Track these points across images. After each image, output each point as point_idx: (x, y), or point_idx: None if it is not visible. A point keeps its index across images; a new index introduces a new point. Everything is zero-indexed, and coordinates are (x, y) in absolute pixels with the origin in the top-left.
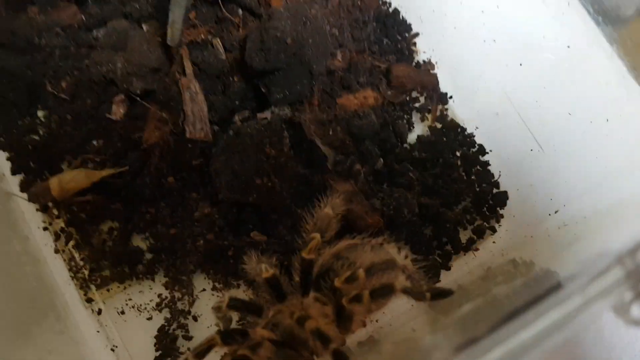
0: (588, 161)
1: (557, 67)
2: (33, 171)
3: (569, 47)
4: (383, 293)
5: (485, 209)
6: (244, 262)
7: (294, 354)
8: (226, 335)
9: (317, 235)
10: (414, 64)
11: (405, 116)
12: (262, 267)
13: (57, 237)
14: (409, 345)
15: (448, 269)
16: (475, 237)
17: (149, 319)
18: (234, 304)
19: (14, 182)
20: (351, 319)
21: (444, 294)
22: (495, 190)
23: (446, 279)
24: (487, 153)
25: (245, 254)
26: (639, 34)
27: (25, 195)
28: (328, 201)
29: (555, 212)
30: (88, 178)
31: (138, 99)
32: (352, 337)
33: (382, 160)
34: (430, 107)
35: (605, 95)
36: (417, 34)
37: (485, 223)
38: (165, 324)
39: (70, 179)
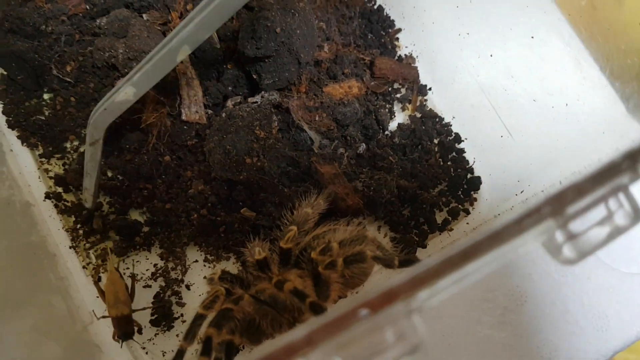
0: (549, 143)
1: (522, 56)
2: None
3: (532, 37)
4: (355, 259)
5: (460, 192)
6: (245, 245)
7: (275, 314)
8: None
9: (294, 228)
10: (396, 57)
11: (387, 105)
12: (255, 250)
13: (61, 212)
14: None
15: (424, 247)
16: (450, 218)
17: (145, 286)
18: (225, 276)
19: (24, 155)
20: (328, 285)
21: (411, 261)
22: (469, 176)
23: (422, 256)
24: (463, 141)
25: (236, 229)
26: (591, 22)
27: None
28: (311, 201)
29: (521, 192)
30: None
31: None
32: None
33: (364, 145)
34: (410, 98)
35: (564, 81)
36: (399, 30)
37: (459, 205)
38: (160, 291)
39: None
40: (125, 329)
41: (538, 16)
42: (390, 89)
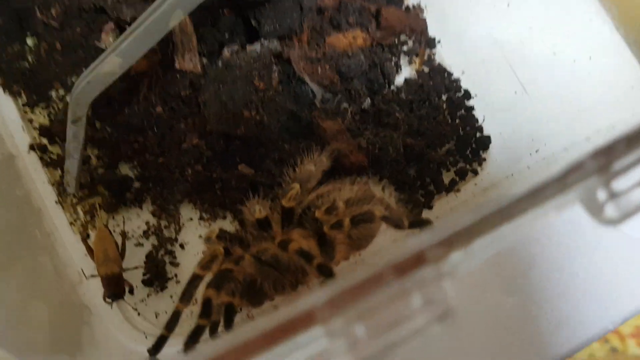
0: (570, 99)
1: (543, 6)
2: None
3: None
4: (363, 219)
5: (468, 152)
6: (244, 202)
7: (277, 275)
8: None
9: (297, 185)
10: (403, 7)
11: (394, 58)
12: (256, 209)
13: (47, 165)
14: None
15: (430, 208)
16: (457, 178)
17: (137, 245)
18: (223, 235)
19: (6, 104)
20: (333, 246)
21: (422, 223)
22: (478, 134)
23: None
24: (472, 98)
25: (233, 186)
26: None
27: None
28: (314, 158)
29: (536, 151)
30: None
31: (128, 27)
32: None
33: (369, 100)
34: (418, 51)
35: (589, 33)
36: None
37: (467, 165)
38: (153, 250)
39: None
40: (115, 288)
41: None
42: (396, 41)
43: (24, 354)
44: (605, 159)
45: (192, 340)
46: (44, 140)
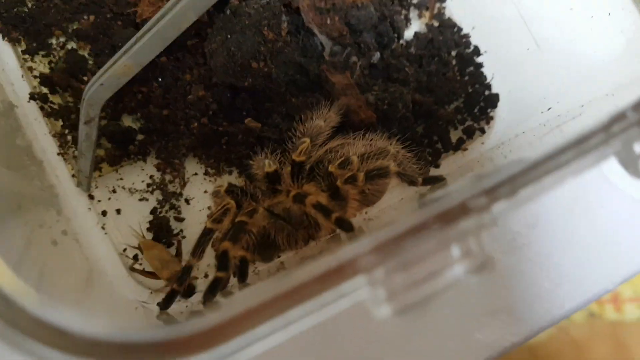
0: (586, 55)
1: None
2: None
3: None
4: (378, 174)
5: (476, 110)
6: (252, 160)
7: (291, 229)
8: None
9: (307, 140)
10: None
11: (403, 11)
12: (265, 163)
13: (48, 115)
14: None
15: (437, 166)
16: (465, 137)
17: (141, 199)
18: (232, 189)
19: (5, 51)
20: (346, 201)
21: (436, 179)
22: (487, 92)
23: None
24: (482, 54)
25: (239, 140)
26: None
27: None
28: (323, 113)
29: (548, 109)
30: None
31: None
32: None
33: (378, 54)
34: (428, 4)
35: None
36: None
37: (475, 124)
38: (158, 205)
39: None
40: (184, 288)
41: None
42: None
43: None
44: None
45: (211, 293)
46: (45, 90)
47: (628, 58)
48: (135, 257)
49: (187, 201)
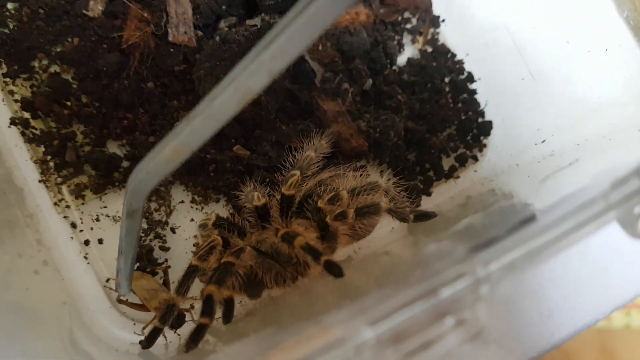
0: (582, 91)
1: None
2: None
3: None
4: (369, 211)
5: (469, 137)
6: (240, 189)
7: (278, 266)
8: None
9: (297, 172)
10: None
11: (397, 37)
12: (254, 195)
13: (29, 141)
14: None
15: (429, 194)
16: (457, 164)
17: None
18: (220, 222)
19: None
20: (336, 236)
21: (427, 216)
22: (480, 120)
23: (427, 205)
24: (476, 81)
25: (227, 168)
26: None
27: None
28: (314, 143)
29: (542, 141)
30: None
31: None
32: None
33: (370, 80)
34: (421, 30)
35: (606, 24)
36: None
37: (468, 151)
38: (142, 234)
39: None
40: (174, 317)
41: None
42: (400, 18)
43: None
44: None
45: (194, 341)
46: (26, 115)
47: (625, 97)
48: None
49: (172, 230)
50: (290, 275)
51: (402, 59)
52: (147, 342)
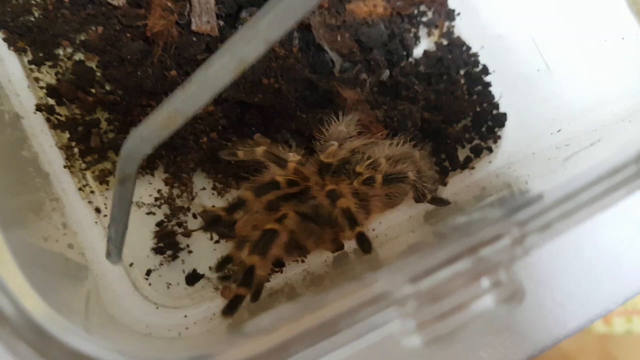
0: (597, 81)
1: None
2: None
3: None
4: (396, 178)
5: (484, 129)
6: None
7: (319, 231)
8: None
9: (335, 143)
10: None
11: (413, 29)
12: (289, 156)
13: (54, 127)
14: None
15: (444, 184)
16: (472, 155)
17: (148, 213)
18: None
19: (11, 61)
20: (367, 205)
21: (443, 202)
22: (495, 111)
23: (442, 194)
24: (490, 73)
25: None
26: None
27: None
28: (343, 119)
29: (558, 130)
30: None
31: None
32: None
33: (388, 71)
34: (437, 23)
35: (622, 14)
36: None
37: (482, 143)
38: (165, 219)
39: None
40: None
41: None
42: (416, 11)
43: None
44: None
45: (230, 310)
46: (51, 101)
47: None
48: (148, 272)
49: (194, 216)
50: (329, 238)
51: (418, 51)
52: (230, 309)
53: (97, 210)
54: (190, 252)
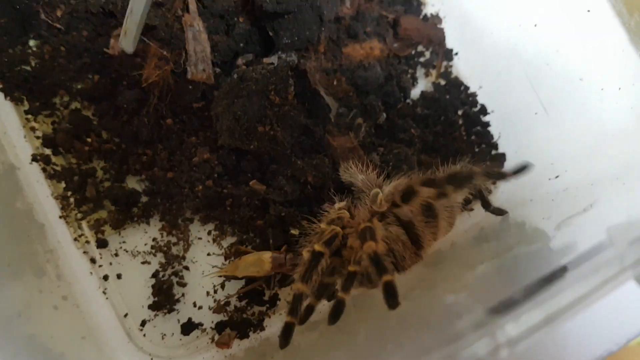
0: (595, 128)
1: (574, 31)
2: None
3: (589, 11)
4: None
5: None
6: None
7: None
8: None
9: (378, 189)
10: (421, 16)
11: (410, 71)
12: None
13: (50, 177)
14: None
15: None
16: (470, 196)
17: (144, 262)
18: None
19: (7, 111)
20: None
21: (501, 211)
22: (493, 152)
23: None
24: (489, 113)
25: (244, 203)
26: None
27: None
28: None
29: (556, 177)
30: None
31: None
32: None
33: (384, 115)
34: (435, 63)
35: (620, 64)
36: None
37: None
38: (160, 269)
39: None
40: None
41: None
42: (413, 52)
43: None
44: None
45: (285, 340)
46: (47, 151)
47: (637, 138)
48: (143, 323)
49: (187, 267)
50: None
51: (415, 92)
52: (284, 339)
53: (92, 260)
54: (185, 303)
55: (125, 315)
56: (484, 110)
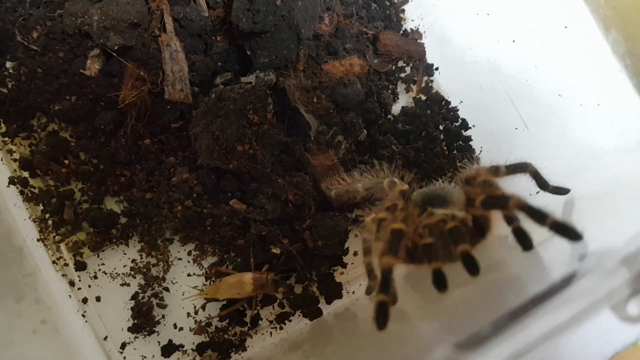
0: (574, 144)
1: (552, 46)
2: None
3: (566, 27)
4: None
5: None
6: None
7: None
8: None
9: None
10: (401, 32)
11: (391, 86)
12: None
13: (28, 200)
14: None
15: None
16: None
17: (123, 284)
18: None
19: None
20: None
21: (562, 190)
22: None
23: None
24: (470, 128)
25: (224, 222)
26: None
27: None
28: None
29: (537, 192)
30: None
31: (115, 55)
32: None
33: (365, 131)
34: (415, 78)
35: (598, 80)
36: (406, 1)
37: None
38: (140, 290)
39: None
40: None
41: (574, 4)
42: (394, 68)
43: None
44: None
45: (381, 321)
46: (25, 174)
47: (618, 153)
48: (123, 346)
49: (167, 288)
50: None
51: (396, 108)
52: (382, 320)
53: (71, 283)
54: (165, 324)
55: (105, 338)
56: (465, 125)
